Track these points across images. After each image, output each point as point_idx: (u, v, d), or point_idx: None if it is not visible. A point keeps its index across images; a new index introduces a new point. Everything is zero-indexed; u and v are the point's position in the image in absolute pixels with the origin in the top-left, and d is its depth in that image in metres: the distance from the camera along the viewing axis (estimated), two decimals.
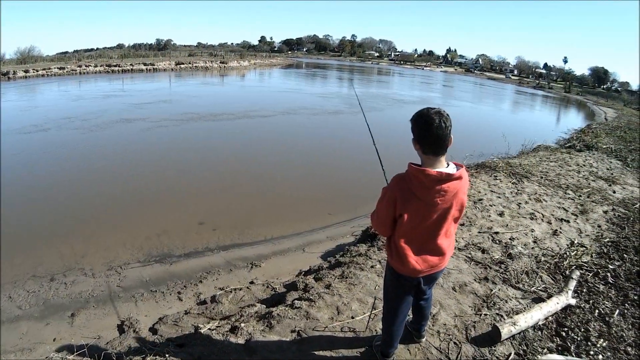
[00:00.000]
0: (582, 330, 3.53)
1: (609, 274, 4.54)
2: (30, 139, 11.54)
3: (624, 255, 5.08)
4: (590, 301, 4.01)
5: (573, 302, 3.90)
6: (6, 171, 8.79)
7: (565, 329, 3.54)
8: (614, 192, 8.03)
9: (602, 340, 3.40)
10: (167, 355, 3.08)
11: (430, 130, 2.15)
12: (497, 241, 5.29)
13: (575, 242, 5.45)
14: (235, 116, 17.01)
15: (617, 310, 3.85)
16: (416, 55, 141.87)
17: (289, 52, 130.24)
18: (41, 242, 5.96)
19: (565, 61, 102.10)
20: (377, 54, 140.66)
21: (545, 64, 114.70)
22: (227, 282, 5.07)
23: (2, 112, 15.53)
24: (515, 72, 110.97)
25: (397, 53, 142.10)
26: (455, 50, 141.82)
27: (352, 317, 3.57)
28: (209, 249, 6.03)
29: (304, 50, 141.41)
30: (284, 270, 5.47)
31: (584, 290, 4.23)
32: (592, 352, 3.25)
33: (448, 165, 2.28)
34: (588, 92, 68.49)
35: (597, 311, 3.84)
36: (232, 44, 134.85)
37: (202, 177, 9.32)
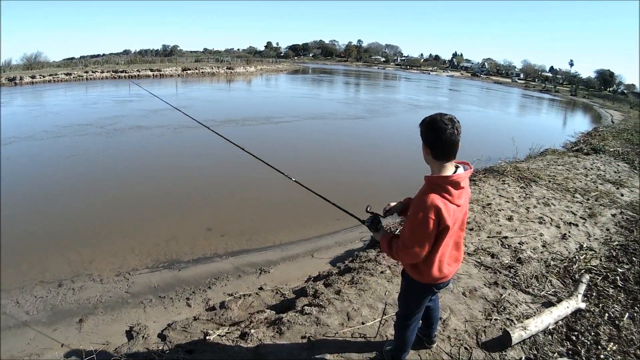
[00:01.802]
0: (592, 334, 3.52)
1: (618, 277, 4.52)
2: (40, 146, 11.64)
3: (633, 258, 5.05)
4: (600, 305, 3.99)
5: (583, 306, 3.88)
6: (14, 177, 8.90)
7: (576, 333, 3.52)
8: (622, 195, 7.98)
9: (612, 343, 3.38)
10: None
11: (445, 136, 2.13)
12: (507, 246, 5.27)
13: (584, 245, 5.43)
14: (257, 122, 17.07)
15: (627, 314, 3.83)
16: (422, 59, 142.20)
17: (295, 58, 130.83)
18: (48, 248, 5.98)
19: (571, 64, 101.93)
20: (383, 59, 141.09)
21: (552, 67, 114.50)
22: (236, 288, 5.07)
23: (12, 118, 15.74)
24: (522, 75, 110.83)
25: (403, 58, 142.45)
26: (462, 55, 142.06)
27: (363, 323, 3.57)
28: (218, 255, 6.04)
29: (310, 55, 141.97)
30: (293, 276, 5.46)
31: (594, 294, 4.21)
32: (602, 356, 3.23)
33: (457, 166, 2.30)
34: (594, 95, 67.96)
35: (607, 315, 3.83)
36: (238, 49, 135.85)
37: (211, 183, 9.37)
